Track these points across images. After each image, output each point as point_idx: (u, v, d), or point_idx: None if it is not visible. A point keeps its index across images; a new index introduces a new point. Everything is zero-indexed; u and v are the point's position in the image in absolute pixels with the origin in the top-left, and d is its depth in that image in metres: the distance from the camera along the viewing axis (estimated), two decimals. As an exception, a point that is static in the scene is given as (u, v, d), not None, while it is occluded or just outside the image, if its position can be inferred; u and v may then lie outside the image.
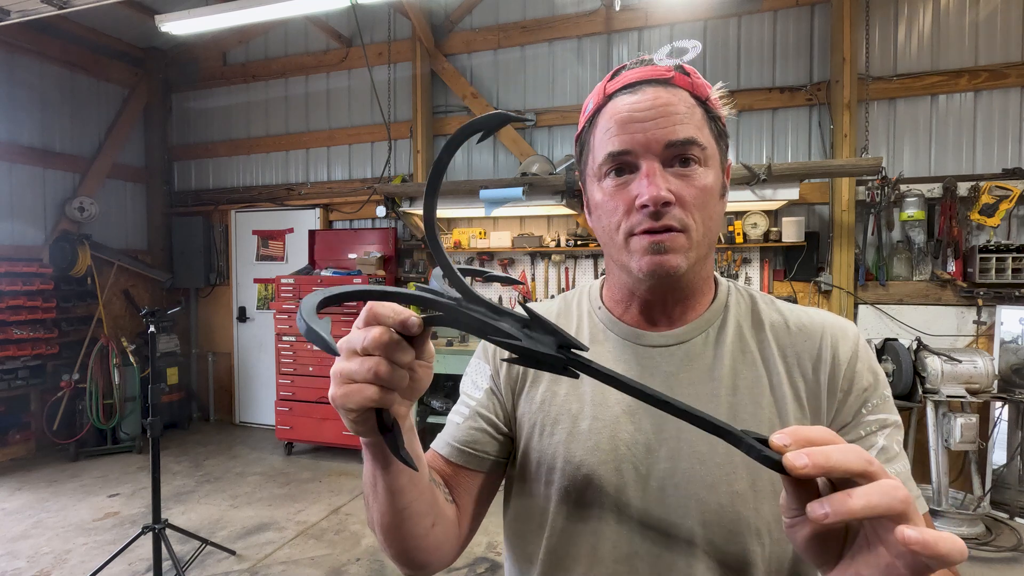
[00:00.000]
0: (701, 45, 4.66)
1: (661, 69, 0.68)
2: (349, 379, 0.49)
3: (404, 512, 0.62)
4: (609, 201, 0.68)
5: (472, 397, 0.80)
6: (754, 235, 4.32)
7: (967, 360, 3.41)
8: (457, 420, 0.79)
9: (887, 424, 0.68)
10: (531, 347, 0.49)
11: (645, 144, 0.64)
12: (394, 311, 0.50)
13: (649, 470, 0.68)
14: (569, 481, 0.71)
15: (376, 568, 3.17)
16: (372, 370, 0.48)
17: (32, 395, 5.07)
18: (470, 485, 0.76)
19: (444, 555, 0.70)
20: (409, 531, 0.64)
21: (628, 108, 0.66)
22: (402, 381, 0.50)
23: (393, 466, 0.58)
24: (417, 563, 0.68)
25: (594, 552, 0.69)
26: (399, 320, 0.49)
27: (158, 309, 3.20)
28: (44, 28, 5.05)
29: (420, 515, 0.63)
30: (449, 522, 0.69)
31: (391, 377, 0.49)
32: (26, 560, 3.26)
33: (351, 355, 0.50)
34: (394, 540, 0.65)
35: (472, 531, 0.75)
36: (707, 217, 0.67)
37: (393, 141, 5.35)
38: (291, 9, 3.94)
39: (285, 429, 5.04)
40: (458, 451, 0.76)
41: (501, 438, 0.77)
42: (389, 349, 0.49)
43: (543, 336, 0.50)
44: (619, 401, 0.71)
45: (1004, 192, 3.91)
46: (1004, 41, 4.01)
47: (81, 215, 5.41)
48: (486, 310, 0.52)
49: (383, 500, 0.61)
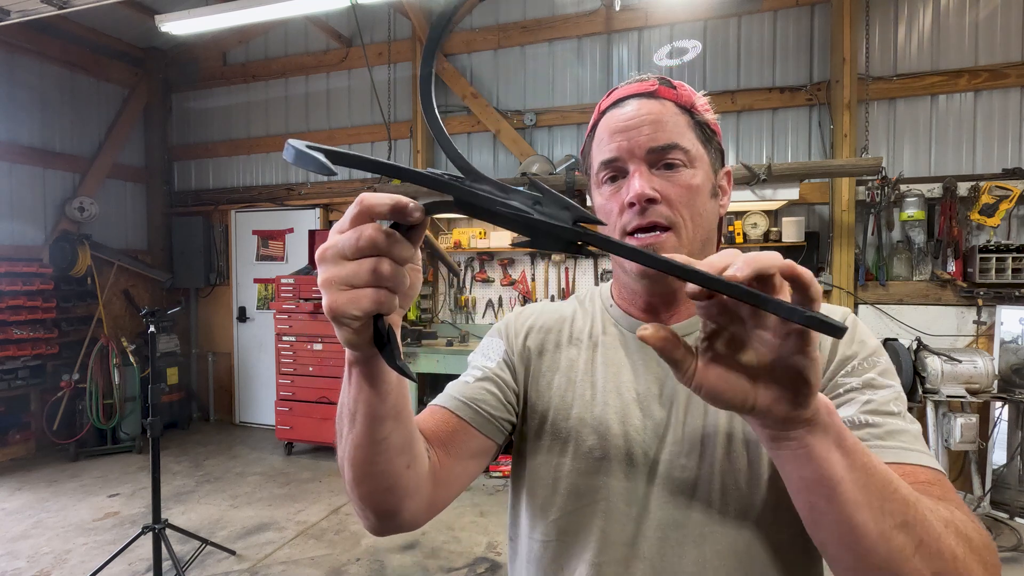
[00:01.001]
0: (701, 45, 4.66)
1: (646, 84, 0.74)
2: (347, 285, 0.45)
3: (382, 444, 0.58)
4: (607, 204, 0.74)
5: (484, 366, 0.80)
6: (754, 235, 4.32)
7: (967, 360, 3.41)
8: (467, 380, 0.79)
9: (876, 385, 0.65)
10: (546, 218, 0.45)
11: (630, 150, 0.71)
12: (389, 199, 0.45)
13: (657, 455, 0.71)
14: (581, 464, 0.73)
15: (376, 568, 3.17)
16: (374, 271, 0.44)
17: (32, 395, 5.07)
18: (465, 443, 0.74)
19: (413, 508, 0.65)
20: (384, 468, 0.60)
21: (617, 119, 0.73)
22: (405, 281, 0.46)
23: (382, 387, 0.54)
24: (386, 507, 0.63)
25: (604, 535, 0.71)
26: (397, 206, 0.44)
27: (158, 309, 3.20)
28: (44, 28, 5.04)
29: (397, 450, 0.59)
30: (424, 470, 0.65)
31: (395, 277, 0.45)
32: (26, 560, 3.26)
33: (340, 260, 0.45)
34: (366, 476, 0.60)
35: (447, 497, 0.72)
36: (695, 214, 0.71)
37: (393, 141, 5.35)
38: (291, 9, 3.94)
39: (285, 429, 5.04)
40: (464, 405, 0.75)
41: (508, 406, 0.78)
42: (388, 247, 0.44)
43: (558, 211, 0.45)
44: (631, 389, 0.74)
45: (1004, 192, 3.91)
46: (1004, 41, 4.01)
47: (81, 215, 5.41)
48: (494, 188, 0.47)
49: (361, 429, 0.56)
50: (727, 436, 0.69)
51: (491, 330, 0.87)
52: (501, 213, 0.45)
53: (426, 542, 3.44)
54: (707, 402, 0.46)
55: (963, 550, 0.48)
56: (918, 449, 0.61)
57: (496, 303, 5.18)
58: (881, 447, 0.60)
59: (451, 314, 5.30)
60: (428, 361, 4.54)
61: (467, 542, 3.45)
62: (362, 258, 0.44)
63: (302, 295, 5.07)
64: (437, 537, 3.50)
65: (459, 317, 5.26)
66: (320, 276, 0.46)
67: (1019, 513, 3.55)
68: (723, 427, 0.69)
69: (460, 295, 5.25)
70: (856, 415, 0.63)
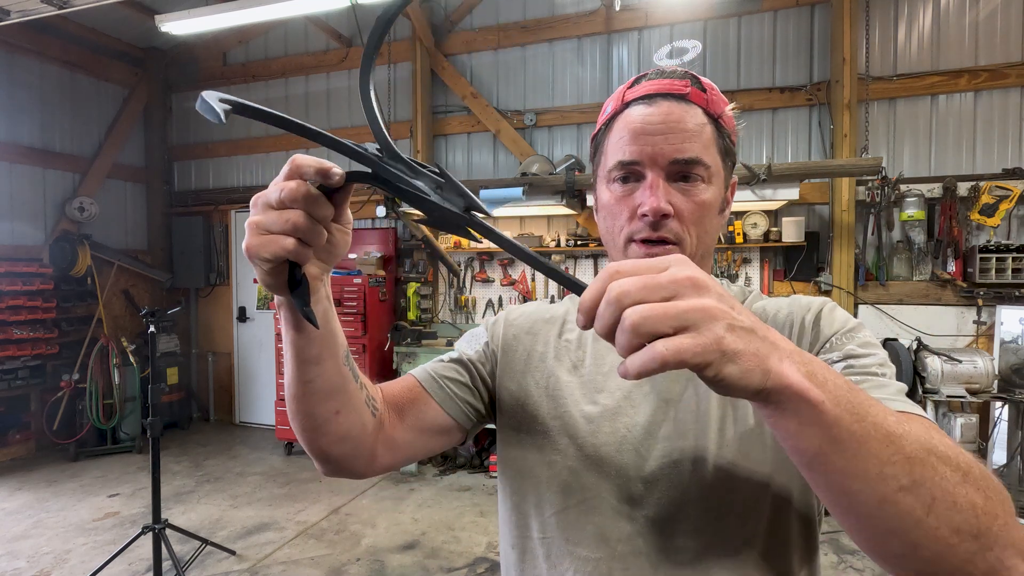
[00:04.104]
0: (701, 45, 4.66)
1: (679, 84, 0.70)
2: (265, 230, 0.50)
3: (308, 386, 0.63)
4: (615, 205, 0.72)
5: (463, 351, 0.85)
6: (754, 235, 4.32)
7: (967, 360, 3.41)
8: (442, 359, 0.84)
9: (855, 355, 0.64)
10: (439, 203, 0.50)
11: (652, 157, 0.68)
12: (316, 162, 0.50)
13: (648, 451, 0.71)
14: (573, 462, 0.73)
15: (376, 568, 3.17)
16: (290, 221, 0.49)
17: (32, 395, 5.07)
18: (423, 413, 0.77)
19: (349, 456, 0.70)
20: (311, 409, 0.65)
21: (641, 119, 0.69)
22: (319, 237, 0.51)
23: (304, 331, 0.60)
24: (318, 447, 0.68)
25: (599, 532, 0.71)
26: (321, 168, 0.50)
27: (158, 309, 3.20)
28: (44, 28, 5.04)
29: (324, 395, 0.64)
30: (360, 422, 0.69)
31: (309, 230, 0.50)
32: (26, 560, 3.26)
33: (266, 208, 0.51)
34: (296, 413, 0.66)
35: (392, 460, 0.75)
36: (703, 232, 0.71)
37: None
38: (291, 9, 3.94)
39: (285, 429, 5.04)
40: (431, 378, 0.80)
41: (476, 391, 0.81)
42: (307, 202, 0.50)
43: (455, 197, 0.50)
44: (620, 387, 0.74)
45: (1004, 192, 3.91)
46: (1004, 41, 4.01)
47: (81, 215, 5.41)
48: (405, 168, 0.52)
49: (290, 367, 0.63)
50: (719, 429, 0.69)
51: (482, 322, 0.90)
52: (405, 191, 0.51)
53: (426, 542, 3.44)
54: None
55: (981, 497, 0.44)
56: (903, 400, 0.58)
57: (496, 303, 5.18)
58: None
59: (451, 314, 5.30)
60: (428, 361, 4.54)
61: (467, 542, 3.45)
62: (283, 209, 0.49)
63: (302, 295, 5.07)
64: (437, 537, 3.50)
65: (459, 317, 5.26)
66: (248, 219, 0.52)
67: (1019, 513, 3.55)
68: (716, 420, 0.69)
69: (460, 295, 5.25)
70: None
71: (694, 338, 0.39)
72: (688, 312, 0.39)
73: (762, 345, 0.41)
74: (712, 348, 0.39)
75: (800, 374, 0.42)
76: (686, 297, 0.40)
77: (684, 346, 0.38)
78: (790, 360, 0.42)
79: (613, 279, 0.41)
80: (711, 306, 0.40)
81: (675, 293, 0.40)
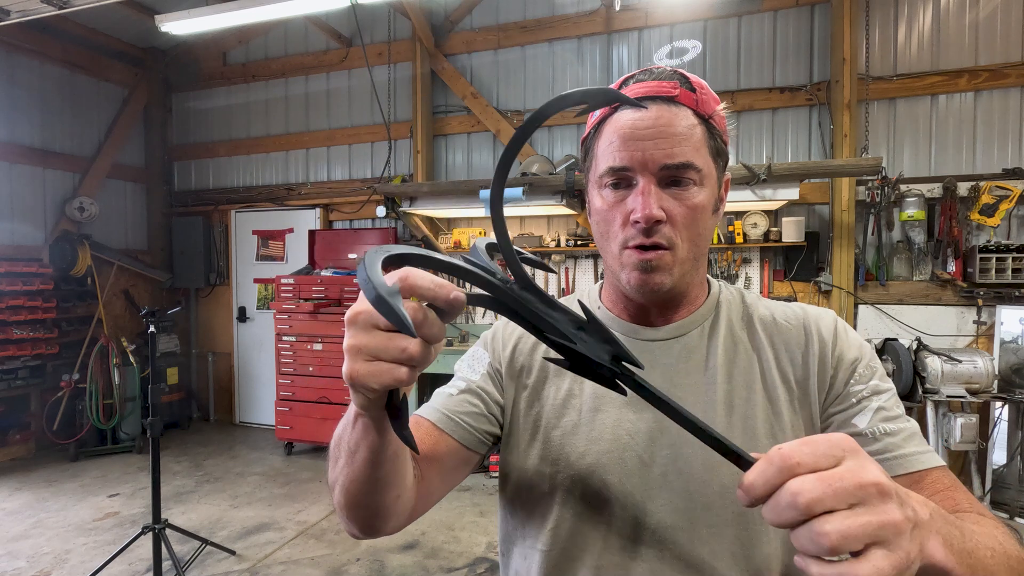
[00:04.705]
0: (701, 45, 4.66)
1: (667, 86, 0.69)
2: (373, 356, 0.44)
3: (378, 482, 0.60)
4: (608, 212, 0.71)
5: (468, 378, 0.81)
6: (754, 235, 4.32)
7: (967, 360, 3.41)
8: (450, 391, 0.80)
9: (880, 391, 0.70)
10: (587, 353, 0.44)
11: (643, 163, 0.67)
12: (435, 284, 0.45)
13: (652, 458, 0.71)
14: (575, 472, 0.73)
15: (376, 568, 3.17)
16: (407, 351, 0.43)
17: (32, 395, 5.07)
18: (447, 456, 0.75)
19: (396, 524, 0.69)
20: (376, 501, 0.62)
21: (631, 124, 0.68)
22: (430, 361, 0.45)
23: (386, 435, 0.55)
24: (371, 526, 0.67)
25: (603, 540, 0.71)
26: (446, 297, 0.44)
27: (158, 309, 3.20)
28: (44, 28, 5.04)
29: (390, 486, 0.62)
30: (411, 493, 0.68)
31: (422, 358, 0.44)
32: (26, 560, 3.26)
33: (370, 329, 0.44)
34: (359, 507, 0.63)
35: (427, 506, 0.73)
36: (695, 235, 0.70)
37: (393, 141, 5.35)
38: (291, 9, 3.94)
39: (285, 429, 5.04)
40: (447, 418, 0.76)
41: (491, 418, 0.79)
42: (422, 326, 0.43)
43: (598, 343, 0.45)
44: (618, 399, 0.74)
45: (1004, 192, 3.91)
46: (1004, 41, 4.01)
47: (81, 215, 5.41)
48: (539, 300, 0.46)
49: (360, 468, 0.58)
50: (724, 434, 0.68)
51: (479, 339, 0.87)
52: (546, 334, 0.45)
53: (426, 542, 3.44)
54: None
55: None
56: (929, 449, 0.66)
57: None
58: (905, 456, 0.65)
59: (451, 314, 5.29)
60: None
61: (467, 542, 3.45)
62: (393, 332, 0.43)
63: (302, 295, 5.07)
64: (437, 537, 3.50)
65: (459, 317, 5.26)
66: (347, 340, 0.45)
67: (1019, 513, 3.55)
68: (720, 425, 0.69)
69: (460, 295, 5.23)
70: (875, 425, 0.67)
71: (888, 558, 0.39)
72: (882, 529, 0.39)
73: (922, 533, 0.43)
74: (904, 565, 0.39)
75: (943, 548, 0.45)
76: (873, 506, 0.39)
77: (883, 571, 0.38)
78: (936, 535, 0.44)
79: (790, 473, 0.40)
80: (900, 521, 0.40)
81: (861, 500, 0.39)
